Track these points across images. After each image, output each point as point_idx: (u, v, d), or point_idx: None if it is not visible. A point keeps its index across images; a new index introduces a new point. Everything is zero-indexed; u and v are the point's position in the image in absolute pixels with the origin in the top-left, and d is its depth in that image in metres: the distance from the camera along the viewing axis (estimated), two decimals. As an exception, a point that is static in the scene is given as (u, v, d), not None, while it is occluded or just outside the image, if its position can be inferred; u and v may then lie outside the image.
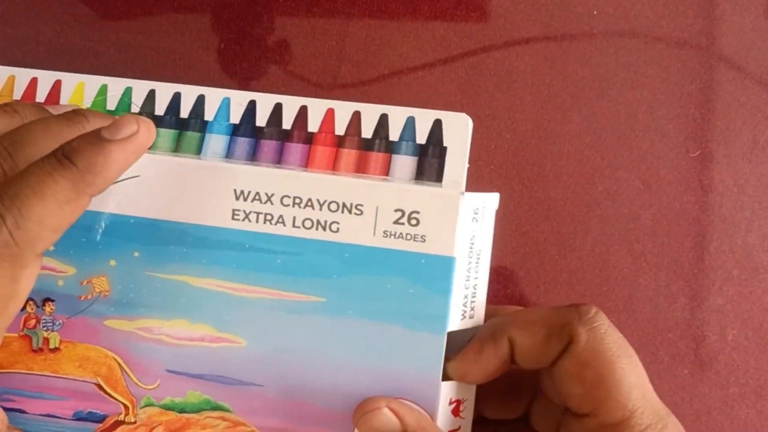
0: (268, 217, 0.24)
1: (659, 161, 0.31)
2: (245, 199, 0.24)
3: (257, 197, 0.24)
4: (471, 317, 0.24)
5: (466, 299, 0.24)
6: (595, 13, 0.32)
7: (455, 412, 0.24)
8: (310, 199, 0.24)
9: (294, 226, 0.24)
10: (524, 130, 0.31)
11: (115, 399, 0.25)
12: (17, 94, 0.28)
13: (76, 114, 0.23)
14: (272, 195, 0.24)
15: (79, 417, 0.25)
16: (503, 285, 0.30)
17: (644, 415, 0.21)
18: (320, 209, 0.24)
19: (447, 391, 0.24)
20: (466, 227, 0.23)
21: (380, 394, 0.23)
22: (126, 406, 0.25)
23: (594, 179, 0.31)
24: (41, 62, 0.33)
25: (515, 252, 0.30)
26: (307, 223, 0.24)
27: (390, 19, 0.32)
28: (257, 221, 0.24)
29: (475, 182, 0.30)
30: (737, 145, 0.31)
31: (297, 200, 0.24)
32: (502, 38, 0.32)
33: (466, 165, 0.25)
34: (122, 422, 0.25)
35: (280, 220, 0.24)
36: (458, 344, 0.24)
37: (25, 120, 0.23)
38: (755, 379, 0.30)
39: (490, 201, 0.24)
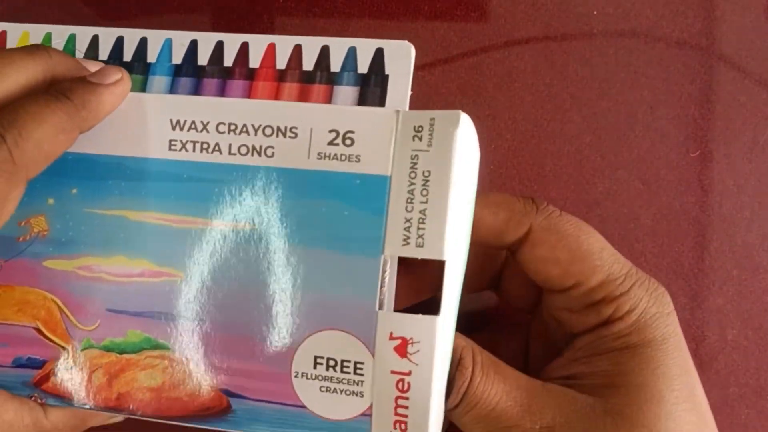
0: (204, 146, 0.24)
1: (659, 161, 0.31)
2: (181, 129, 0.24)
3: (193, 126, 0.24)
4: (420, 246, 0.22)
5: (410, 224, 0.22)
6: (595, 13, 0.32)
7: (401, 351, 0.22)
8: (245, 125, 0.23)
9: (230, 153, 0.23)
10: (524, 130, 0.31)
11: (55, 343, 0.24)
12: None
13: (37, 48, 0.24)
14: (208, 123, 0.24)
15: (18, 364, 0.24)
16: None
17: (618, 267, 0.23)
18: (255, 134, 0.23)
19: (386, 323, 0.22)
20: (404, 146, 0.22)
21: (316, 325, 0.23)
22: (65, 350, 0.24)
23: (594, 179, 0.31)
24: (41, 62, 0.33)
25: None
26: (243, 150, 0.23)
27: (390, 19, 0.32)
28: (194, 150, 0.24)
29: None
30: (737, 145, 0.31)
31: (232, 127, 0.23)
32: (502, 38, 0.32)
33: (409, 92, 0.25)
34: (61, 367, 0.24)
35: (216, 148, 0.23)
36: None
37: None
38: (755, 379, 0.30)
39: (446, 119, 0.22)
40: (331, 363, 0.22)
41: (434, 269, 0.22)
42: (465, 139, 0.22)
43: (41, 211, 0.24)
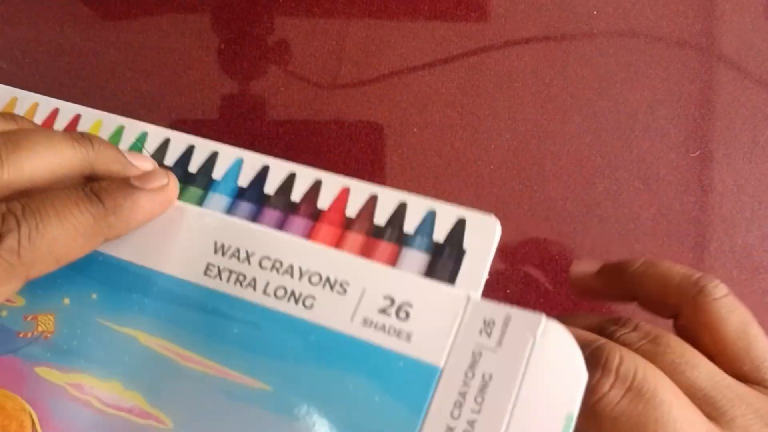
0: (240, 278, 0.21)
1: (659, 161, 0.31)
2: (223, 254, 0.22)
3: (236, 254, 0.22)
4: None
5: None
6: (595, 13, 0.32)
7: None
8: (291, 266, 0.21)
9: (264, 292, 0.21)
10: (524, 130, 0.31)
11: None
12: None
13: (82, 136, 0.22)
14: (252, 254, 0.22)
15: None
16: (503, 285, 0.30)
17: None
18: (299, 279, 0.21)
19: None
20: (467, 337, 0.19)
21: None
22: None
23: (594, 179, 0.30)
24: (41, 62, 0.33)
25: (515, 252, 0.30)
26: (280, 292, 0.21)
27: (390, 19, 0.32)
28: (228, 280, 0.21)
29: (475, 183, 0.30)
30: (737, 145, 0.31)
31: (277, 264, 0.21)
32: (502, 38, 0.32)
33: (486, 275, 0.21)
34: None
35: (252, 283, 0.21)
36: None
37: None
38: (755, 379, 0.30)
39: (524, 321, 0.19)
40: None
41: None
42: (548, 349, 0.19)
43: (53, 310, 0.22)
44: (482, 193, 0.30)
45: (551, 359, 0.19)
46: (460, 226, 0.22)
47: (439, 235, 0.22)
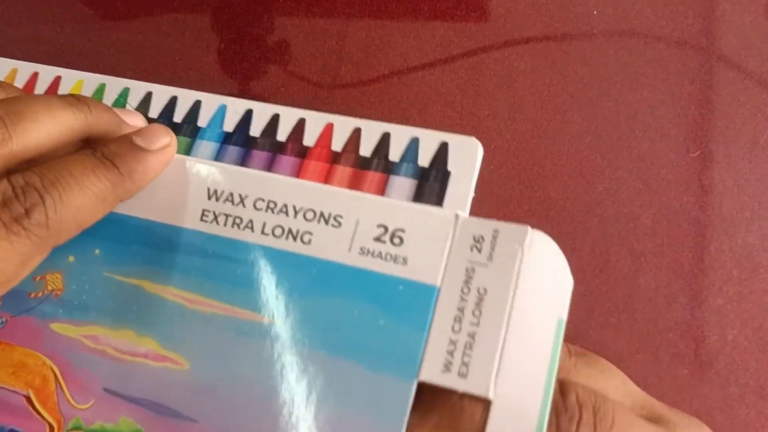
0: (237, 221, 0.22)
1: (659, 161, 0.31)
2: (217, 199, 0.22)
3: (230, 198, 0.22)
4: (462, 375, 0.18)
5: (454, 347, 0.19)
6: (595, 13, 0.32)
7: None
8: (285, 205, 0.22)
9: (263, 232, 0.22)
10: (524, 130, 0.31)
11: (43, 417, 0.22)
12: (18, 86, 0.27)
13: (78, 100, 0.22)
14: (246, 197, 0.22)
15: None
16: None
17: None
18: (294, 217, 0.21)
19: None
20: (459, 255, 0.20)
21: None
22: (51, 426, 0.22)
23: (594, 179, 0.30)
24: (41, 62, 0.33)
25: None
26: (277, 231, 0.21)
27: (390, 19, 0.32)
28: (225, 224, 0.22)
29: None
30: (737, 145, 0.31)
31: (271, 204, 0.22)
32: (502, 38, 0.32)
33: (472, 193, 0.22)
34: None
35: (249, 225, 0.22)
36: None
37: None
38: (755, 379, 0.30)
39: (512, 234, 0.20)
40: None
41: (479, 408, 0.19)
42: (536, 259, 0.19)
43: (59, 268, 0.23)
44: (482, 193, 0.30)
45: (539, 268, 0.19)
46: (443, 149, 0.23)
47: (424, 160, 0.23)
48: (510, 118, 0.31)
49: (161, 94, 0.27)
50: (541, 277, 0.19)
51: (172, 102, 0.26)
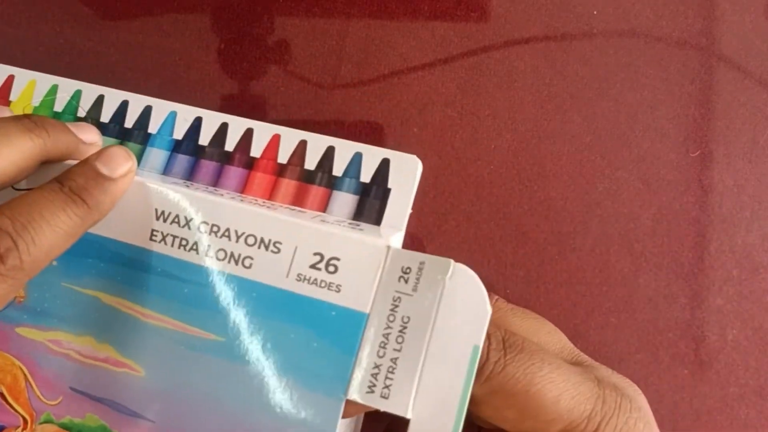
0: (183, 242, 0.23)
1: (659, 161, 0.31)
2: (165, 221, 0.23)
3: (176, 220, 0.23)
4: (384, 397, 0.20)
5: (378, 371, 0.20)
6: (595, 13, 0.32)
7: None
8: (228, 229, 0.22)
9: (207, 255, 0.22)
10: (524, 130, 0.31)
11: (16, 411, 0.24)
12: None
13: (35, 124, 0.22)
14: (191, 220, 0.23)
15: None
16: (503, 286, 0.30)
17: (579, 412, 0.21)
18: (236, 241, 0.22)
19: None
20: (388, 285, 0.21)
21: None
22: (25, 420, 0.24)
23: (594, 179, 0.30)
24: (41, 62, 0.33)
25: (515, 252, 0.30)
26: (220, 254, 0.22)
27: (390, 19, 0.32)
28: (172, 245, 0.23)
29: (475, 183, 0.30)
30: (737, 145, 0.31)
31: (215, 228, 0.23)
32: (502, 38, 0.32)
33: (409, 210, 0.24)
34: None
35: (194, 247, 0.23)
36: None
37: None
38: (755, 379, 0.30)
39: (436, 266, 0.21)
40: None
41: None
42: (456, 290, 0.21)
43: None
44: (482, 193, 0.30)
45: (459, 298, 0.21)
46: (384, 165, 0.25)
47: (366, 175, 0.25)
48: (510, 118, 0.31)
49: (113, 97, 0.27)
50: (460, 307, 0.21)
51: (124, 106, 0.27)
